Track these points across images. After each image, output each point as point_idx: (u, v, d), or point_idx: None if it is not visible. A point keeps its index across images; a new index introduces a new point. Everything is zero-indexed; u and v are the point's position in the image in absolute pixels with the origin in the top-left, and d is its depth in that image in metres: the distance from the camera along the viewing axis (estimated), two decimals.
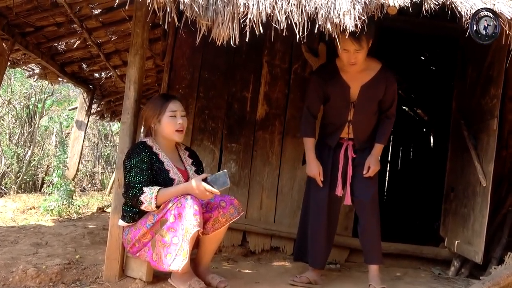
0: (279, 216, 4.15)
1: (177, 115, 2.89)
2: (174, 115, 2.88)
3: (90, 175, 11.27)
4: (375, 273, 3.23)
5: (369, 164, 3.23)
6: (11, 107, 9.54)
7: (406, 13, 2.71)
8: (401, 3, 2.62)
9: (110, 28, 4.68)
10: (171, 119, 2.87)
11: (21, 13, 3.99)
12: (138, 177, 2.72)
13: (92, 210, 6.58)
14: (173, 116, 2.87)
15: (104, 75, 6.46)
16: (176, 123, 2.87)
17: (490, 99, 3.52)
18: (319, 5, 2.61)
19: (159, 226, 2.72)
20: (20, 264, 3.01)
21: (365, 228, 3.27)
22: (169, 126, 2.87)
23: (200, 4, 2.49)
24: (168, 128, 2.88)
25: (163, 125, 2.88)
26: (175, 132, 2.89)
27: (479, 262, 3.44)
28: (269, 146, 4.18)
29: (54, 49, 5.16)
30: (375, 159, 3.25)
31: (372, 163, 3.24)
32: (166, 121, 2.87)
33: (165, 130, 2.88)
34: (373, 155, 3.26)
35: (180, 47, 4.16)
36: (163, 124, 2.88)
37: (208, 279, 2.94)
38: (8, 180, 8.88)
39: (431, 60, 6.76)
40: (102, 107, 7.91)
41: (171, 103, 2.90)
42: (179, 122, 2.88)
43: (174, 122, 2.87)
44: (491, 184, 3.40)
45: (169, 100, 2.92)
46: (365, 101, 3.22)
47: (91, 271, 3.05)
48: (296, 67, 4.19)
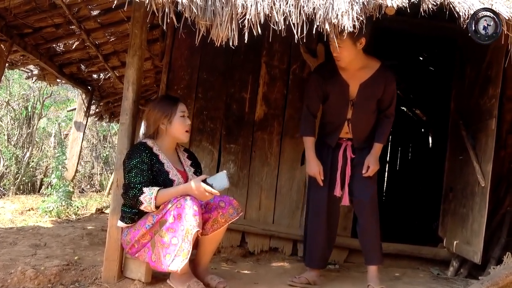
0: (278, 217, 4.15)
1: (185, 116, 2.97)
2: (184, 115, 2.96)
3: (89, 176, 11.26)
4: (374, 273, 3.23)
5: (369, 163, 3.23)
6: (9, 108, 9.53)
7: (404, 14, 2.71)
8: (399, 3, 2.62)
9: (108, 29, 4.68)
10: (182, 120, 2.94)
11: (19, 14, 3.99)
12: (138, 178, 2.73)
13: (91, 211, 6.57)
14: (183, 117, 2.95)
15: (102, 76, 6.45)
16: (186, 124, 2.96)
17: (488, 99, 3.53)
18: (317, 5, 2.61)
19: (158, 227, 2.72)
20: (19, 265, 3.00)
21: (364, 229, 3.27)
22: (180, 127, 2.94)
23: (198, 5, 2.49)
24: (179, 129, 2.94)
25: (174, 126, 2.92)
26: (185, 133, 2.96)
27: (478, 262, 3.44)
28: (267, 146, 4.18)
29: (53, 50, 5.15)
30: (374, 159, 3.25)
31: (372, 163, 3.23)
32: (177, 122, 2.93)
33: (176, 131, 2.94)
34: (372, 154, 3.26)
35: (178, 48, 4.16)
36: (174, 124, 2.92)
37: (207, 279, 2.94)
38: (7, 182, 8.87)
39: (430, 60, 6.76)
40: (101, 108, 7.91)
41: (180, 105, 2.99)
42: (188, 123, 2.97)
43: (184, 123, 2.95)
44: (489, 184, 3.40)
45: (178, 101, 3.01)
46: (364, 99, 3.23)
47: (90, 272, 3.05)
48: (295, 68, 4.19)
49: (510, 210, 4.01)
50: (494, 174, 3.52)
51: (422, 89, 7.77)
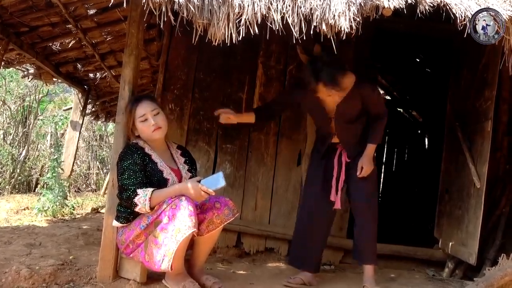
0: (274, 217, 4.14)
1: (148, 117, 2.86)
2: (144, 119, 2.86)
3: (85, 176, 11.23)
4: (369, 274, 3.24)
5: (362, 164, 3.22)
6: (5, 107, 9.50)
7: (401, 15, 2.72)
8: (396, 4, 2.62)
9: (105, 28, 4.67)
10: (143, 124, 2.86)
11: (16, 13, 3.98)
12: (131, 180, 2.71)
13: (86, 211, 6.55)
14: (144, 120, 2.86)
15: (99, 75, 6.44)
16: (150, 125, 2.85)
17: (484, 101, 3.53)
18: (314, 6, 2.62)
19: (153, 227, 2.71)
20: (13, 264, 2.99)
21: (361, 230, 3.28)
22: (145, 129, 2.87)
23: (196, 4, 2.49)
24: (145, 131, 2.87)
25: (139, 129, 2.88)
26: (153, 133, 2.87)
27: (473, 264, 3.46)
28: (264, 147, 4.17)
29: (49, 49, 5.14)
30: (367, 159, 3.24)
31: (365, 163, 3.23)
32: (140, 127, 2.87)
33: (144, 133, 2.89)
34: (365, 155, 3.25)
35: (175, 47, 4.15)
36: (139, 129, 2.88)
37: (202, 280, 2.93)
38: (2, 181, 8.83)
39: (426, 62, 6.78)
40: (97, 107, 7.90)
41: (138, 108, 2.86)
42: (152, 124, 2.85)
43: (147, 125, 2.86)
44: (485, 186, 3.41)
45: (135, 105, 2.88)
46: (344, 116, 3.25)
47: (85, 272, 3.04)
48: (291, 68, 4.19)
49: (505, 212, 4.02)
50: (489, 176, 3.53)
51: (419, 90, 7.79)
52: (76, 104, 7.24)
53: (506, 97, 4.06)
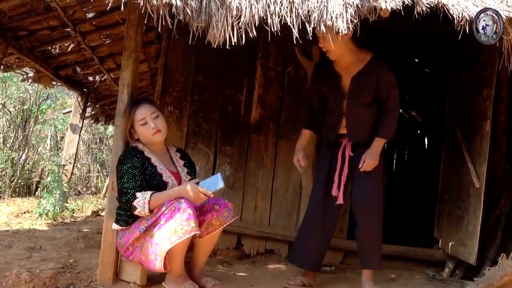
0: (274, 219, 4.14)
1: (148, 120, 2.86)
2: (143, 122, 2.86)
3: (85, 179, 11.25)
4: (368, 275, 3.22)
5: (365, 157, 3.12)
6: (5, 110, 9.51)
7: (399, 16, 2.72)
8: (393, 5, 2.63)
9: (103, 31, 4.67)
10: (143, 127, 2.86)
11: (15, 17, 3.98)
12: (130, 183, 2.72)
13: (86, 214, 6.56)
14: (144, 124, 2.86)
15: (98, 78, 6.45)
16: (149, 129, 2.85)
17: (483, 100, 3.54)
18: (311, 8, 2.63)
19: (152, 230, 2.71)
20: (14, 268, 2.99)
21: (361, 232, 3.22)
22: (145, 132, 2.86)
23: (193, 8, 2.50)
24: (145, 134, 2.87)
25: (139, 133, 2.88)
26: (153, 136, 2.87)
27: (473, 264, 3.45)
28: (263, 148, 4.18)
29: (48, 53, 5.14)
30: (372, 153, 3.12)
31: (368, 156, 3.11)
32: (139, 130, 2.87)
33: (143, 137, 2.88)
34: (371, 149, 3.13)
35: (174, 50, 4.16)
36: (139, 133, 2.88)
37: (202, 282, 2.94)
38: (2, 184, 8.85)
39: (425, 62, 6.78)
40: (97, 110, 7.90)
41: (137, 112, 2.86)
42: (152, 127, 2.85)
43: (147, 128, 2.85)
44: (484, 186, 3.41)
45: (134, 108, 2.87)
46: (357, 92, 3.17)
47: (85, 275, 3.04)
48: (290, 70, 4.19)
49: (505, 211, 4.02)
50: (489, 176, 3.53)
51: (418, 90, 7.79)
52: (76, 107, 7.26)
53: (505, 97, 4.06)
